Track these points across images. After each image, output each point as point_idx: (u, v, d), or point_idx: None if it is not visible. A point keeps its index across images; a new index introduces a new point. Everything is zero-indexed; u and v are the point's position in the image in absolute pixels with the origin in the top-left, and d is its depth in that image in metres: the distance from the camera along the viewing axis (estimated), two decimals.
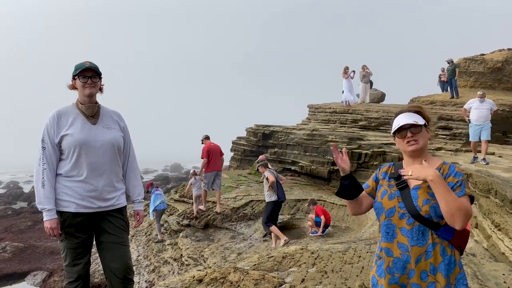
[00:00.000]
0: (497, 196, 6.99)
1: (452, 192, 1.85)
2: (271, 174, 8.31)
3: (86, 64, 2.90)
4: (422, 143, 2.04)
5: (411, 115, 2.07)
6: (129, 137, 3.18)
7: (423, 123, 2.05)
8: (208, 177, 10.55)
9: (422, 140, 2.04)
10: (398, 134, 2.08)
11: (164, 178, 46.74)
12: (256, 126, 19.28)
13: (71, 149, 2.88)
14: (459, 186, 1.92)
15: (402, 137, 2.06)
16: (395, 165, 2.18)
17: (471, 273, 4.85)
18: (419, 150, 2.04)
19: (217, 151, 10.64)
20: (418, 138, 2.03)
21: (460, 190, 1.91)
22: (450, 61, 17.39)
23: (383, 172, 2.21)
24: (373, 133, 15.05)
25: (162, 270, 9.31)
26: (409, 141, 2.04)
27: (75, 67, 2.93)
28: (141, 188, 3.28)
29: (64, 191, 2.90)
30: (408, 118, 2.05)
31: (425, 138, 2.06)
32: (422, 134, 2.05)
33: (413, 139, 2.03)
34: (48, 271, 14.38)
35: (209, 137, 10.89)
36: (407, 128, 2.04)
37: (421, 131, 2.04)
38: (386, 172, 2.18)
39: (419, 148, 2.04)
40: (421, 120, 2.06)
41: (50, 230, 2.86)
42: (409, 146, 2.04)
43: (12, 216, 25.36)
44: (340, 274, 4.86)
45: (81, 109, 2.96)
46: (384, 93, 20.88)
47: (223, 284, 4.31)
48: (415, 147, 2.03)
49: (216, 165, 10.63)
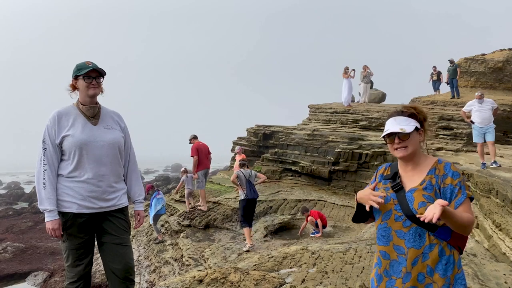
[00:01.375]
0: (498, 196, 6.98)
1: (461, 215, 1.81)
2: (235, 173, 8.85)
3: (89, 65, 2.88)
4: (411, 149, 2.00)
5: (401, 121, 2.02)
6: (129, 137, 3.19)
7: (411, 130, 1.99)
8: (200, 176, 11.00)
9: (412, 146, 2.00)
10: (387, 139, 2.05)
11: (165, 179, 46.72)
12: (257, 126, 19.28)
13: (72, 149, 2.88)
14: (459, 191, 1.90)
15: (391, 142, 2.04)
16: (392, 165, 2.16)
17: (471, 273, 4.85)
18: (408, 156, 2.01)
19: (205, 150, 11.14)
20: (407, 144, 1.99)
21: (462, 195, 1.90)
22: (452, 61, 17.37)
23: (379, 174, 2.19)
24: (373, 133, 15.04)
25: (162, 270, 9.32)
26: (397, 148, 2.01)
27: (78, 67, 2.91)
28: (141, 188, 3.29)
29: (66, 192, 2.90)
30: (395, 125, 2.01)
31: (415, 143, 2.01)
32: (412, 140, 2.00)
33: (401, 145, 2.00)
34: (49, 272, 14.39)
35: (197, 136, 11.34)
36: (395, 133, 2.01)
37: (409, 137, 1.99)
38: (383, 174, 2.16)
39: (407, 155, 2.00)
40: (411, 126, 2.00)
41: (51, 231, 2.86)
42: (397, 152, 2.02)
43: (13, 217, 25.37)
44: (340, 274, 4.86)
45: (82, 109, 2.96)
46: (384, 93, 20.89)
47: (224, 284, 4.32)
48: (403, 154, 2.00)
49: (205, 163, 11.14)
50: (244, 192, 8.70)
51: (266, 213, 11.32)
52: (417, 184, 1.98)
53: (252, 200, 8.77)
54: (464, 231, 1.86)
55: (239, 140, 20.06)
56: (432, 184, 1.95)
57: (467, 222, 1.82)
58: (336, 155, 13.74)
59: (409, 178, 2.03)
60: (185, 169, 11.76)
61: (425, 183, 1.96)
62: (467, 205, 1.90)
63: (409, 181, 2.02)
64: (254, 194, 8.74)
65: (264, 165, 16.22)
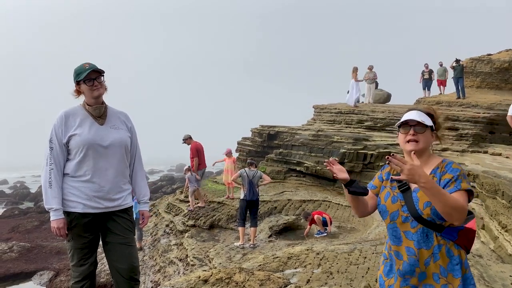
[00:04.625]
0: (504, 197, 6.94)
1: (445, 193, 1.78)
2: (238, 172, 8.96)
3: (86, 67, 2.88)
4: (422, 145, 1.98)
5: (421, 114, 2.02)
6: (136, 137, 3.19)
7: (430, 125, 2.00)
8: (201, 175, 11.40)
9: (423, 142, 1.98)
10: (402, 129, 2.03)
11: (170, 179, 46.84)
12: (261, 127, 19.27)
13: (79, 149, 2.89)
14: (453, 182, 1.88)
15: (404, 133, 2.02)
16: None
17: (477, 274, 4.82)
18: (418, 152, 1.97)
19: (202, 149, 11.46)
20: (419, 138, 1.98)
21: (454, 186, 1.87)
22: (458, 60, 17.18)
23: (386, 172, 2.17)
24: (378, 134, 14.99)
25: (167, 270, 9.34)
26: (409, 140, 1.99)
27: (76, 72, 2.91)
28: (146, 188, 3.29)
29: (71, 191, 2.91)
30: (416, 116, 2.00)
31: (427, 141, 2.00)
32: (425, 135, 1.99)
33: (414, 138, 1.98)
34: (54, 271, 14.45)
35: (191, 136, 11.51)
36: (412, 125, 1.99)
37: (425, 132, 1.99)
38: (389, 172, 2.15)
39: (417, 150, 1.97)
40: (429, 121, 2.01)
41: (57, 230, 2.87)
42: (408, 145, 2.00)
43: (19, 216, 25.52)
44: (345, 275, 4.85)
45: (89, 110, 2.97)
46: (390, 93, 20.79)
47: (229, 285, 4.32)
48: (414, 148, 1.97)
49: (204, 162, 11.54)
50: (244, 192, 8.76)
51: (271, 213, 11.33)
52: None
53: (251, 201, 8.78)
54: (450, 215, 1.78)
55: (244, 141, 20.07)
56: None
57: (453, 203, 1.76)
58: (341, 155, 13.71)
59: None
60: (188, 168, 11.80)
61: None
62: (459, 194, 1.84)
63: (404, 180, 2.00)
64: (253, 196, 8.73)
65: (269, 165, 16.21)
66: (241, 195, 8.91)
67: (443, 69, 18.51)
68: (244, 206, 8.80)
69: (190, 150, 11.21)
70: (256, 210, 9.06)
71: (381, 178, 2.18)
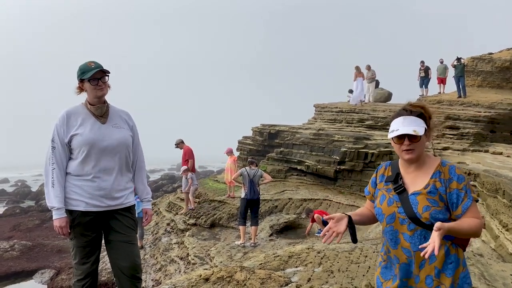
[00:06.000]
0: (505, 196, 6.95)
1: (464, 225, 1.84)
2: (239, 171, 9.02)
3: (92, 66, 2.87)
4: (418, 152, 1.95)
5: (411, 121, 1.93)
6: (137, 136, 3.20)
7: (423, 133, 1.92)
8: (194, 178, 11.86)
9: (419, 149, 1.95)
10: (395, 139, 1.97)
11: (170, 177, 46.83)
12: (262, 126, 19.28)
13: (81, 148, 2.90)
14: (465, 194, 1.88)
15: (399, 143, 1.96)
16: (392, 164, 2.11)
17: (478, 273, 4.83)
18: (415, 158, 1.96)
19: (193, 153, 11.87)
20: (415, 147, 1.93)
21: (468, 198, 1.88)
22: (459, 59, 17.07)
23: (380, 174, 2.13)
24: (379, 133, 14.99)
25: (168, 268, 9.36)
26: (405, 150, 1.95)
27: (81, 70, 2.89)
28: (148, 187, 3.31)
29: (74, 190, 2.92)
30: (407, 126, 1.92)
31: (423, 145, 1.97)
32: (421, 142, 1.94)
33: (409, 148, 1.94)
34: (55, 269, 14.46)
35: (183, 141, 11.89)
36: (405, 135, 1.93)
37: (420, 140, 1.93)
38: (383, 174, 2.11)
39: (414, 157, 1.95)
40: (422, 127, 1.93)
41: (59, 229, 2.89)
42: (405, 155, 1.96)
43: (20, 215, 25.54)
44: (346, 273, 4.86)
45: (91, 109, 2.97)
46: (391, 92, 20.78)
47: (230, 283, 4.33)
48: (410, 157, 1.95)
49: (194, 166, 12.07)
50: (245, 191, 8.78)
51: (272, 212, 11.34)
52: (421, 187, 1.94)
53: (252, 200, 8.79)
54: (473, 236, 1.88)
55: (245, 139, 20.08)
56: (436, 187, 1.92)
57: (474, 228, 1.85)
58: (342, 154, 13.71)
59: (411, 179, 1.99)
60: (187, 169, 11.82)
61: (429, 187, 1.93)
62: (474, 208, 1.89)
63: (412, 182, 1.98)
64: (253, 195, 8.74)
65: (270, 164, 16.22)
66: (242, 194, 8.93)
67: (443, 66, 18.38)
68: (244, 205, 8.81)
69: (185, 153, 11.47)
70: (257, 209, 9.07)
71: (374, 183, 2.15)
